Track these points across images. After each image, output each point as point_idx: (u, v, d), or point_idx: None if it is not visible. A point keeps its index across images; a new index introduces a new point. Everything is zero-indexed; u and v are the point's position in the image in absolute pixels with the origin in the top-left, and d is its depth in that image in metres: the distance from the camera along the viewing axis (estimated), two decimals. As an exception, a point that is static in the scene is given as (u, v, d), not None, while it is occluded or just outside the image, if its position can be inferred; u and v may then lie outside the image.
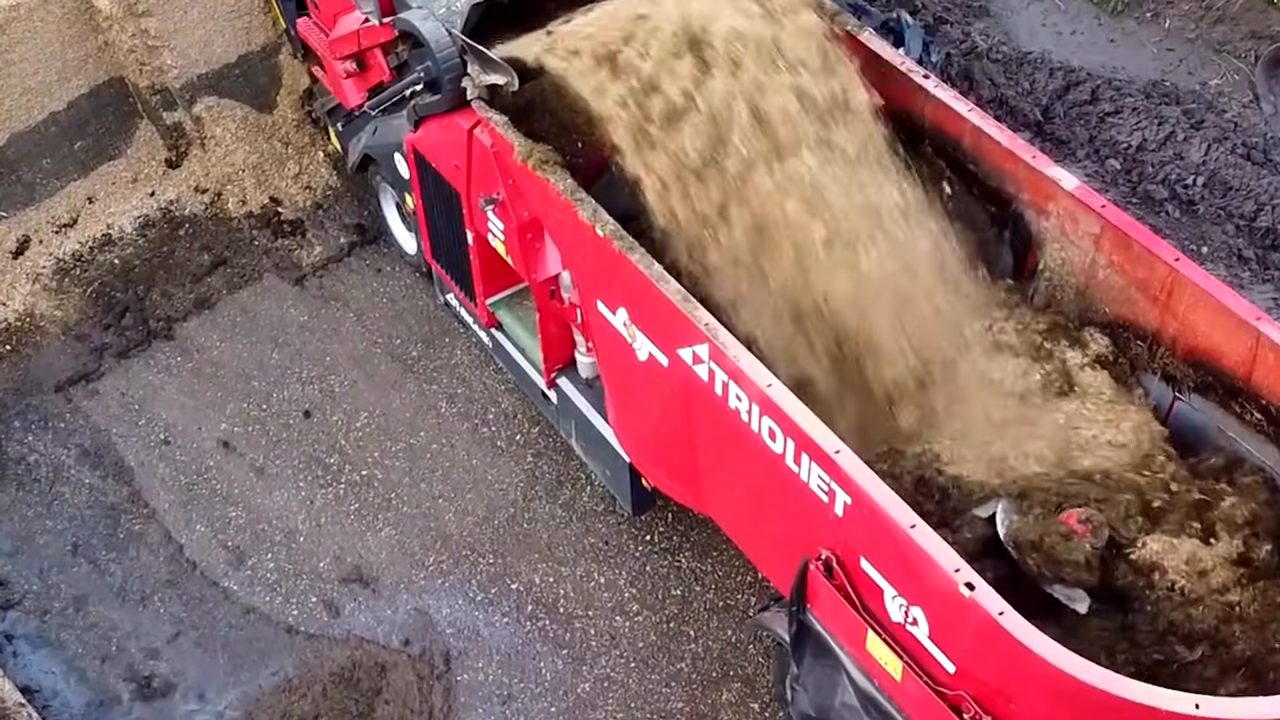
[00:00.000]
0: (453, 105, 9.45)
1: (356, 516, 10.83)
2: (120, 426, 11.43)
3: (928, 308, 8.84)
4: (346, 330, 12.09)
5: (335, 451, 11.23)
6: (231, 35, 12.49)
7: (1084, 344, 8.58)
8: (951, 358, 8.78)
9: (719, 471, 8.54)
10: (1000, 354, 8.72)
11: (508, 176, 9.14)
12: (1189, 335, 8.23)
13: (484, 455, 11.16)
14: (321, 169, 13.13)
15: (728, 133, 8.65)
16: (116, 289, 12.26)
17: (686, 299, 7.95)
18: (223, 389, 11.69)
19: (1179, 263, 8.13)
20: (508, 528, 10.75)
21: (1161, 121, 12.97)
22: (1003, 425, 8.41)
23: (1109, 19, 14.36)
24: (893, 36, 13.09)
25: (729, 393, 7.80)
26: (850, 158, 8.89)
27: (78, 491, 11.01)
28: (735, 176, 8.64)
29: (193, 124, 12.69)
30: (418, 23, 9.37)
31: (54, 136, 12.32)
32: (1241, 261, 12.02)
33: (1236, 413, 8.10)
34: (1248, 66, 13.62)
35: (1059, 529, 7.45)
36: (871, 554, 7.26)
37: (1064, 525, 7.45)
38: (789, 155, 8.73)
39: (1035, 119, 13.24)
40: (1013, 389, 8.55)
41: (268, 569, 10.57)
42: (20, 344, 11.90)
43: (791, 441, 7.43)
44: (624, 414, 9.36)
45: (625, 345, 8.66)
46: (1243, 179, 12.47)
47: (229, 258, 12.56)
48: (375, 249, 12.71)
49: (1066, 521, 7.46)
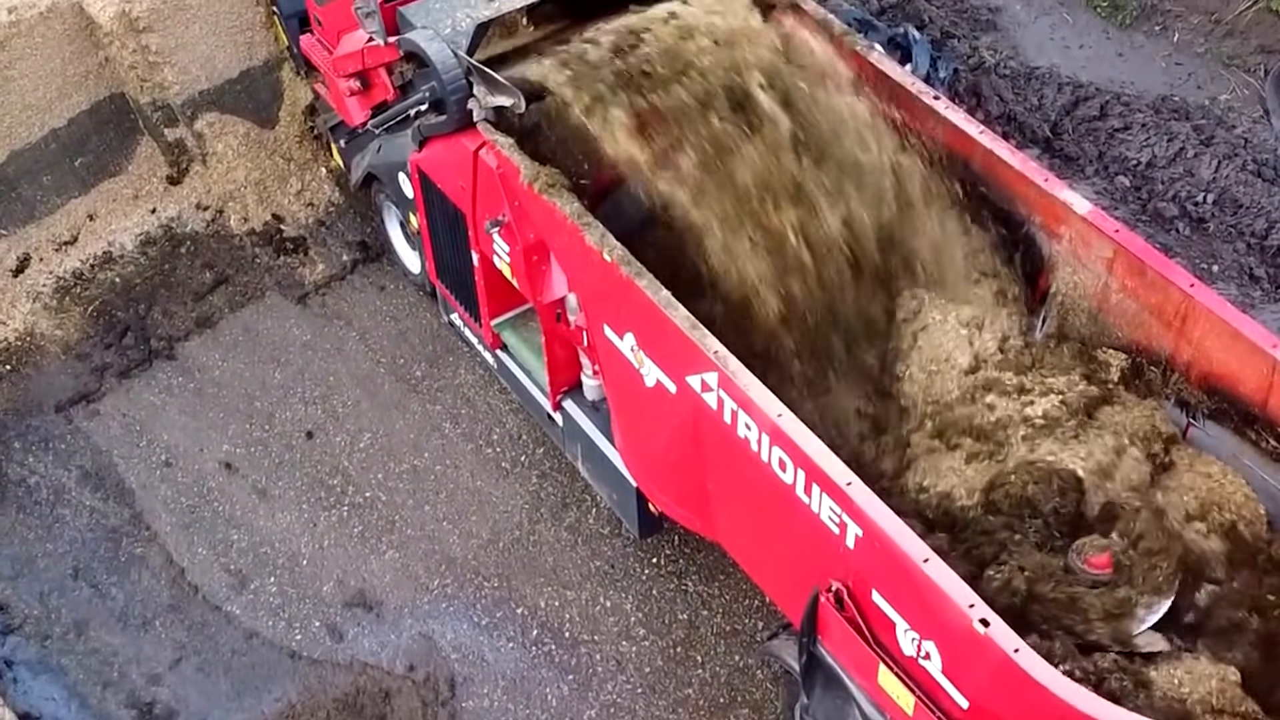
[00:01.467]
0: (458, 126, 9.36)
1: (360, 539, 10.73)
2: (121, 447, 11.33)
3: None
4: (350, 349, 11.99)
5: (338, 473, 11.13)
6: (233, 50, 12.41)
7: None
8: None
9: (728, 499, 8.43)
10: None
11: (513, 198, 9.04)
12: (1204, 361, 8.13)
13: (488, 477, 11.06)
14: (324, 185, 13.04)
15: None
16: (117, 308, 12.17)
17: (695, 326, 7.85)
18: (225, 409, 11.59)
19: (1194, 288, 8.03)
20: (512, 550, 10.65)
21: (1171, 137, 12.88)
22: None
23: (1117, 32, 14.26)
24: (900, 52, 13.03)
25: (738, 421, 7.69)
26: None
27: (78, 514, 10.92)
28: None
29: (194, 140, 12.61)
30: (423, 43, 9.26)
31: (54, 153, 12.23)
32: (1253, 280, 11.92)
33: (1252, 440, 8.00)
34: (1258, 81, 13.54)
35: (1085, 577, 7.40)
36: (884, 586, 7.16)
37: (1090, 570, 7.37)
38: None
39: (1044, 135, 13.15)
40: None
41: (270, 593, 10.46)
42: (20, 363, 11.81)
43: (802, 472, 7.33)
44: (631, 439, 9.26)
45: (632, 370, 8.56)
46: (1253, 196, 12.37)
47: (231, 275, 12.47)
48: (379, 267, 12.61)
49: (1090, 565, 7.38)
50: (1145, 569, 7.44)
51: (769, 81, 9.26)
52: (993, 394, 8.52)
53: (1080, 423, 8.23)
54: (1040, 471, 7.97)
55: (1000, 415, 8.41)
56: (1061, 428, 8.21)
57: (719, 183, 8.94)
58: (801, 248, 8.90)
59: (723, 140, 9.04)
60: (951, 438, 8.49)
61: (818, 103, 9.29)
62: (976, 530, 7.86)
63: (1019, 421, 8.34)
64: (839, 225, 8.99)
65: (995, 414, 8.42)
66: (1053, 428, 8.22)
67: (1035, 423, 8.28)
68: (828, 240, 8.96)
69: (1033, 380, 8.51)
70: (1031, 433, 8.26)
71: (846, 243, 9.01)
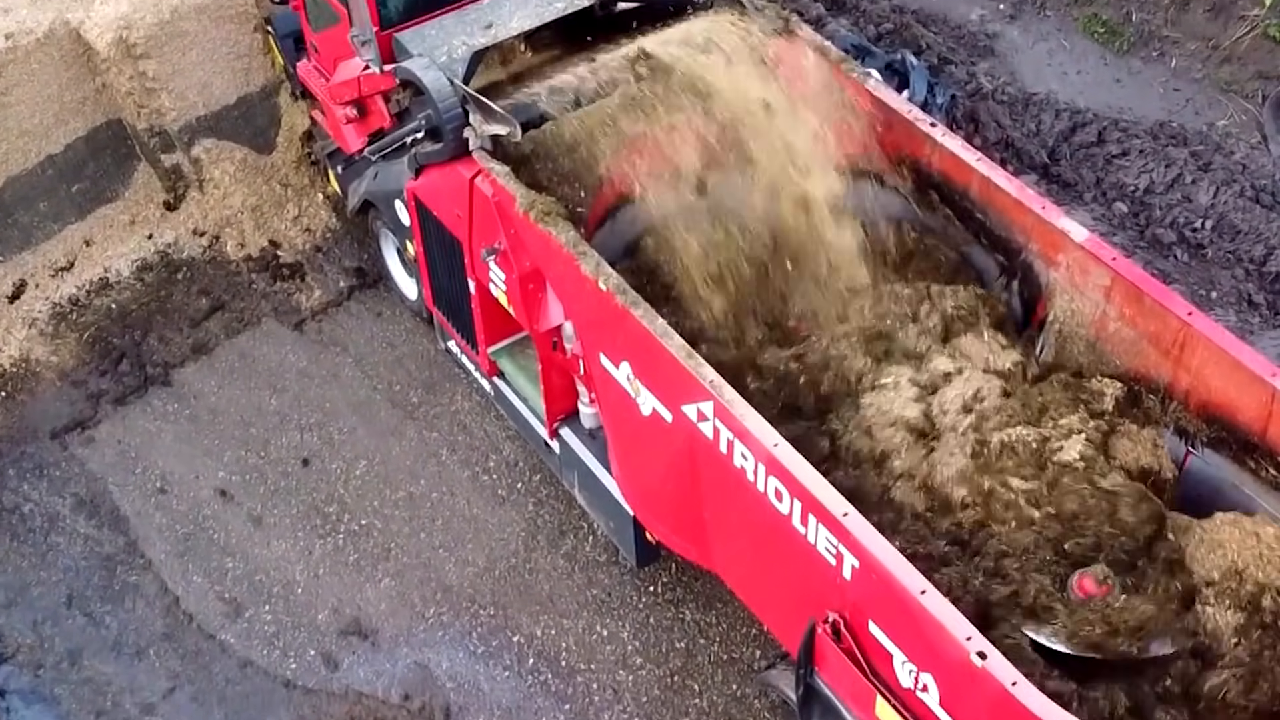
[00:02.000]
0: (454, 154, 9.35)
1: (355, 567, 10.68)
2: (116, 475, 11.29)
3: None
4: (346, 376, 11.95)
5: (334, 500, 11.09)
6: (230, 77, 12.42)
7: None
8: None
9: (724, 529, 8.40)
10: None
11: (509, 227, 9.03)
12: (1202, 390, 8.11)
13: (485, 504, 11.01)
14: (321, 211, 13.03)
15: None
16: (113, 334, 12.15)
17: (691, 355, 7.83)
18: (220, 436, 11.54)
19: (1192, 316, 8.02)
20: (509, 578, 10.59)
21: (1169, 163, 12.86)
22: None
23: (1115, 58, 14.27)
24: (898, 78, 13.03)
25: (734, 451, 7.66)
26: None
27: (73, 542, 10.86)
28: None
29: (191, 166, 12.61)
30: (419, 72, 9.26)
31: (51, 179, 12.23)
32: (1251, 307, 11.89)
33: (1251, 468, 7.97)
34: (1255, 107, 13.53)
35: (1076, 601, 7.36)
36: (881, 618, 7.12)
37: (1078, 594, 7.34)
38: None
39: (1041, 161, 13.14)
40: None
41: (265, 621, 10.40)
42: (15, 390, 11.78)
43: (799, 502, 7.30)
44: (628, 467, 9.22)
45: (629, 399, 8.53)
46: (1251, 222, 12.35)
47: (227, 302, 12.45)
48: (375, 292, 12.59)
49: (1080, 586, 7.34)
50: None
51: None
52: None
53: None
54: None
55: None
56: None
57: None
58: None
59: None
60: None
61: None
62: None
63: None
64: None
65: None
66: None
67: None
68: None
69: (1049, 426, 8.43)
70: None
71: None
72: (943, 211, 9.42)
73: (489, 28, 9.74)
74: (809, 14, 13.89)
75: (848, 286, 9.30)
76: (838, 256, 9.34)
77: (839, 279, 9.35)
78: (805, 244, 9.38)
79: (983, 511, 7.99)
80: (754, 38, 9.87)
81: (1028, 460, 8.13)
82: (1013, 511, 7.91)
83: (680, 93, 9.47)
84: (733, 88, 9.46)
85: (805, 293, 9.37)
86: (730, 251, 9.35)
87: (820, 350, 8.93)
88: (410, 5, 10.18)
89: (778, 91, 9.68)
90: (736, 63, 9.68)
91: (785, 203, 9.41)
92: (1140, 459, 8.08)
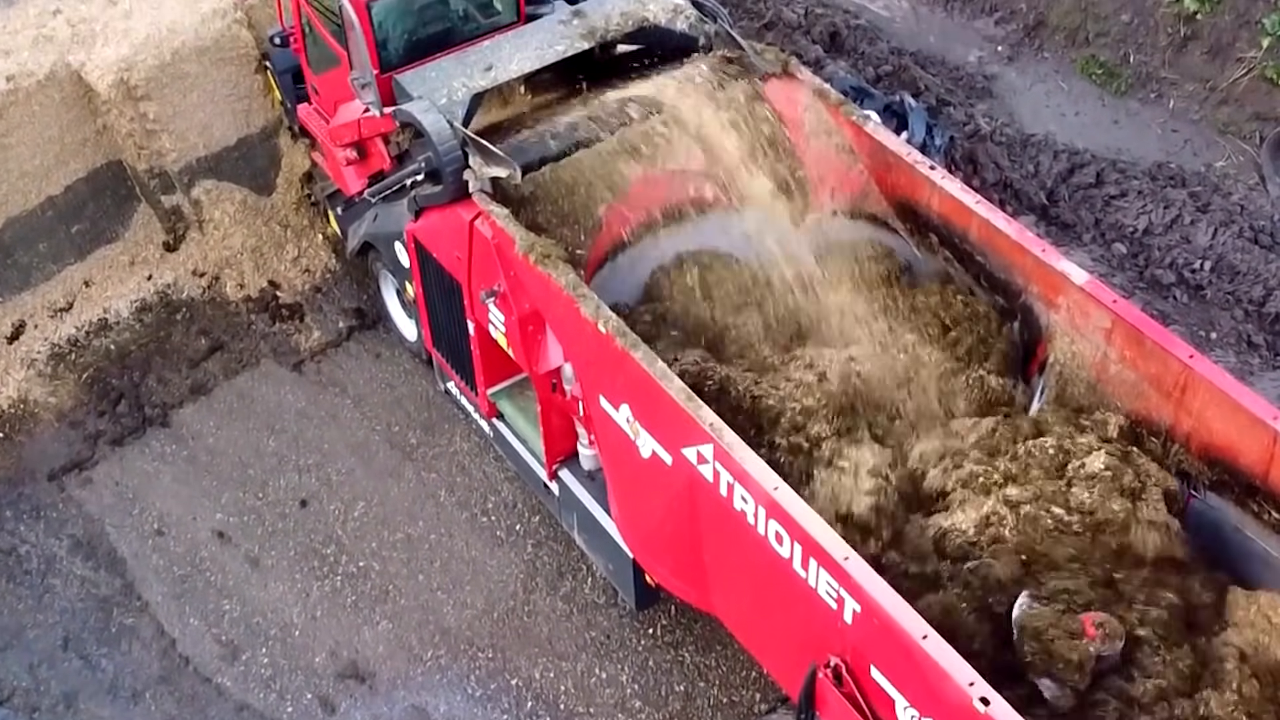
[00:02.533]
0: (454, 196, 9.35)
1: (353, 609, 10.62)
2: (114, 516, 11.25)
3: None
4: (345, 417, 11.93)
5: (332, 542, 11.04)
6: (231, 119, 12.45)
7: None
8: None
9: (724, 572, 8.35)
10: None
11: (509, 269, 9.02)
12: (1204, 432, 8.08)
13: (484, 545, 10.97)
14: (320, 252, 13.03)
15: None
16: (112, 375, 12.13)
17: (690, 398, 7.80)
18: (218, 477, 11.51)
19: (1193, 359, 8.00)
20: (507, 620, 10.54)
21: (1167, 204, 12.88)
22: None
23: (1113, 100, 14.30)
24: (896, 120, 13.05)
25: (735, 494, 7.63)
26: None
27: (69, 584, 10.82)
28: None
29: (191, 207, 12.62)
30: (419, 114, 9.28)
31: (51, 220, 12.24)
32: (1251, 348, 11.89)
33: (1254, 512, 7.94)
34: (1253, 148, 13.56)
35: (1071, 625, 7.30)
36: (882, 662, 7.07)
37: (1079, 623, 7.30)
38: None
39: (1040, 202, 13.17)
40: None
41: (262, 664, 10.35)
42: (13, 431, 11.75)
43: (799, 546, 7.26)
44: (627, 510, 9.18)
45: (628, 441, 8.50)
46: (1250, 263, 12.35)
47: (226, 342, 12.44)
48: (374, 334, 12.58)
49: (1083, 621, 7.30)
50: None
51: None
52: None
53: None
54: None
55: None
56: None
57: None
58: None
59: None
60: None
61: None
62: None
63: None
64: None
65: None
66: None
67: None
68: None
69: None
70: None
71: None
72: (942, 254, 9.43)
73: (489, 70, 9.76)
74: (808, 56, 13.96)
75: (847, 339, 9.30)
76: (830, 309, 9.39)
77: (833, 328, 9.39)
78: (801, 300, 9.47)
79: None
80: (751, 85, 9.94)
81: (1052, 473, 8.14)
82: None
83: (677, 136, 9.51)
84: (725, 130, 9.52)
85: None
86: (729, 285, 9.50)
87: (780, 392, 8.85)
88: (410, 48, 10.25)
89: (768, 133, 9.77)
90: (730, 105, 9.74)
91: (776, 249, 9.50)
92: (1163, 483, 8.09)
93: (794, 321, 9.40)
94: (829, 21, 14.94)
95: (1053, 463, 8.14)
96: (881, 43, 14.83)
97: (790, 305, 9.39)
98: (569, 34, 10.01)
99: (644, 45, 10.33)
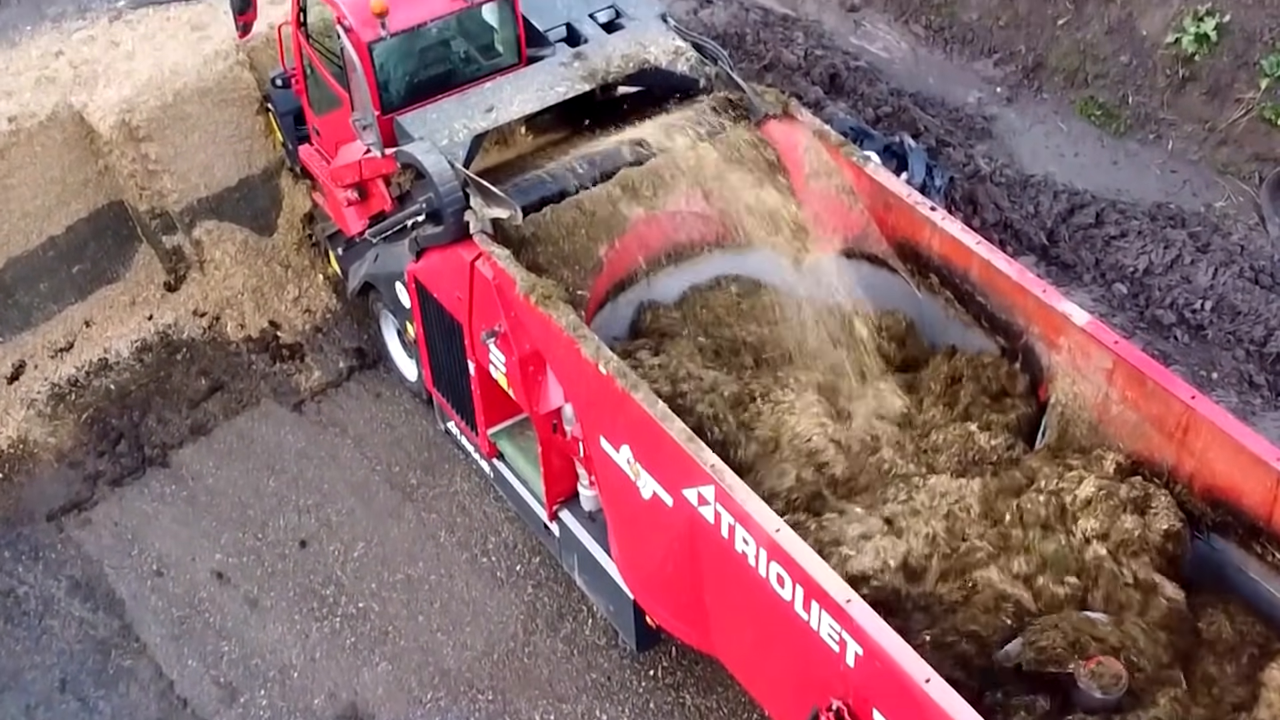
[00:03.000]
0: (455, 237, 9.37)
1: (352, 651, 10.57)
2: (112, 557, 11.21)
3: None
4: (345, 457, 11.90)
5: (331, 583, 10.99)
6: (232, 159, 12.48)
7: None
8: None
9: (726, 614, 8.31)
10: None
11: (510, 309, 9.03)
12: (1207, 473, 8.06)
13: (484, 586, 10.92)
14: (321, 292, 13.04)
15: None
16: (112, 415, 12.12)
17: (691, 439, 7.79)
18: (218, 518, 11.47)
19: (1195, 400, 7.98)
20: (507, 662, 10.48)
21: (1167, 245, 12.89)
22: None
23: (1112, 140, 14.34)
24: (896, 160, 13.08)
25: (736, 536, 7.60)
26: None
27: (67, 625, 10.76)
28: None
29: (192, 247, 12.63)
30: (420, 155, 9.31)
31: (52, 260, 12.25)
32: (1252, 388, 11.86)
33: (1257, 553, 7.91)
34: (1252, 188, 13.58)
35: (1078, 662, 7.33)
36: (885, 706, 7.02)
37: (1082, 666, 7.29)
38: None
39: (1040, 243, 13.18)
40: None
41: (260, 706, 10.28)
42: (12, 471, 11.72)
43: (800, 588, 7.22)
44: (628, 551, 9.15)
45: (629, 482, 8.48)
46: (1251, 303, 12.35)
47: (226, 382, 12.43)
48: (375, 373, 12.57)
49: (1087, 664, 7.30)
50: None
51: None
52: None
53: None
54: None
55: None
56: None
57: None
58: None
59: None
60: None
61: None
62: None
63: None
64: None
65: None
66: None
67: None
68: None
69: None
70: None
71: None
72: (943, 294, 9.43)
73: (490, 111, 9.80)
74: (807, 97, 14.01)
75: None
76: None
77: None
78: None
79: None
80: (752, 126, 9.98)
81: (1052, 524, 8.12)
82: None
83: (678, 177, 9.54)
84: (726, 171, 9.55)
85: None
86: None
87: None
88: (412, 90, 10.28)
89: (768, 173, 9.81)
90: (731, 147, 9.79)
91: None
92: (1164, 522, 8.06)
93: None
94: (828, 63, 15.00)
95: (1051, 512, 8.12)
96: (881, 84, 14.88)
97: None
98: (570, 76, 10.06)
99: (645, 87, 10.37)
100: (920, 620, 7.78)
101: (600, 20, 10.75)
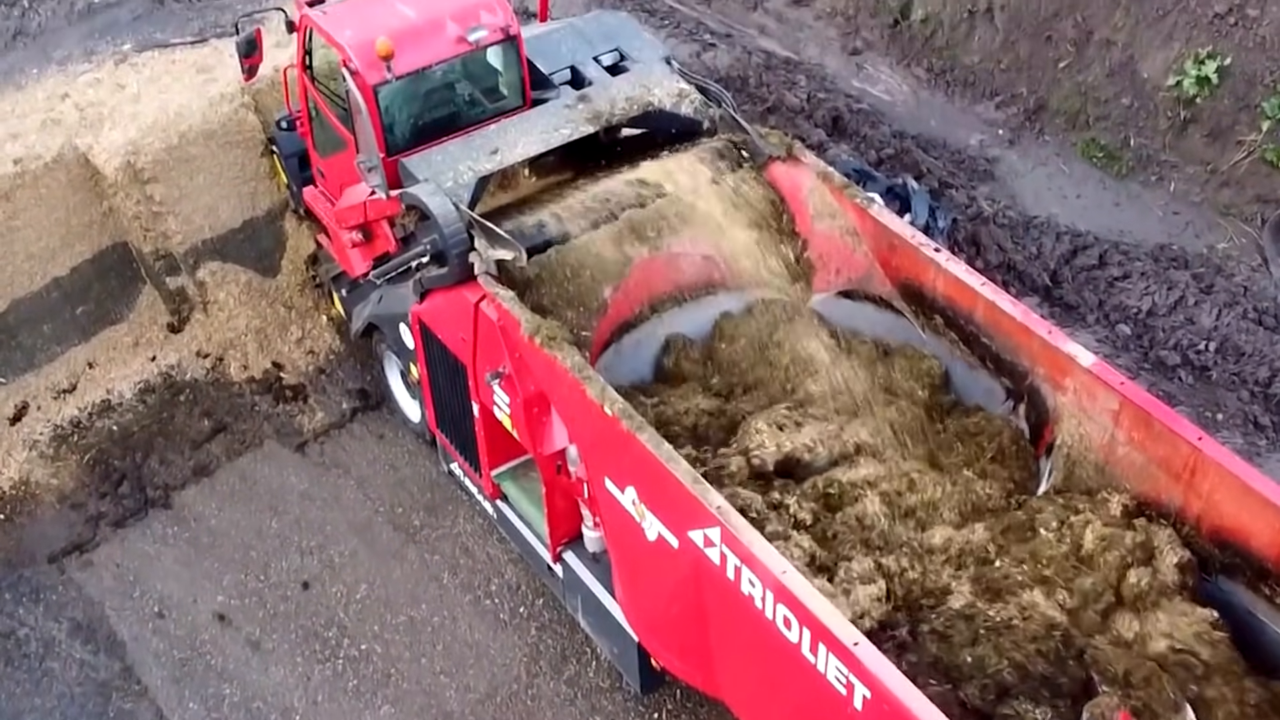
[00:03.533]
0: (459, 278, 9.37)
1: (355, 694, 10.50)
2: (114, 599, 11.16)
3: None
4: (348, 498, 11.87)
5: (334, 625, 10.94)
6: (236, 201, 12.51)
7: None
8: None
9: (731, 656, 8.25)
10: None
11: (514, 350, 9.02)
12: (1214, 515, 8.02)
13: (487, 629, 10.87)
14: (324, 333, 13.04)
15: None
16: (114, 456, 12.09)
17: (697, 480, 7.76)
18: (220, 559, 11.43)
19: (1202, 441, 7.96)
20: (510, 705, 10.41)
21: (1171, 286, 12.90)
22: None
23: (1114, 182, 14.37)
24: (899, 202, 13.11)
25: (742, 578, 7.56)
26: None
27: (68, 667, 10.71)
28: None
29: (196, 288, 12.65)
30: (425, 197, 9.32)
31: (56, 302, 12.27)
32: (1258, 429, 11.84)
33: (1266, 595, 7.86)
34: (1255, 230, 13.59)
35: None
36: (893, 750, 6.96)
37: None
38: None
39: (1044, 284, 13.18)
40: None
41: (262, 751, 10.23)
42: (14, 513, 11.70)
43: (808, 631, 7.18)
44: (633, 592, 9.11)
45: (634, 524, 8.44)
46: (1255, 344, 12.35)
47: (229, 424, 12.41)
48: (378, 415, 12.55)
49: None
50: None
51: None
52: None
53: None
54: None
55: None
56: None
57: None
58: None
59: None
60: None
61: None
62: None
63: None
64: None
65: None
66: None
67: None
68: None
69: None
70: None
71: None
72: (948, 336, 9.43)
73: (494, 154, 9.82)
74: (810, 140, 14.04)
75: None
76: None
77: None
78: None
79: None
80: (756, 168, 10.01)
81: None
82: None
83: (682, 219, 9.56)
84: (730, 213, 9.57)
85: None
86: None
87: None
88: (416, 132, 10.31)
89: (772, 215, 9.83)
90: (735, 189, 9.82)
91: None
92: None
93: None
94: (831, 106, 15.05)
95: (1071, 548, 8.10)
96: (883, 126, 14.93)
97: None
98: (574, 118, 10.09)
99: (649, 129, 10.40)
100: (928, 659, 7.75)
101: (604, 63, 10.80)
